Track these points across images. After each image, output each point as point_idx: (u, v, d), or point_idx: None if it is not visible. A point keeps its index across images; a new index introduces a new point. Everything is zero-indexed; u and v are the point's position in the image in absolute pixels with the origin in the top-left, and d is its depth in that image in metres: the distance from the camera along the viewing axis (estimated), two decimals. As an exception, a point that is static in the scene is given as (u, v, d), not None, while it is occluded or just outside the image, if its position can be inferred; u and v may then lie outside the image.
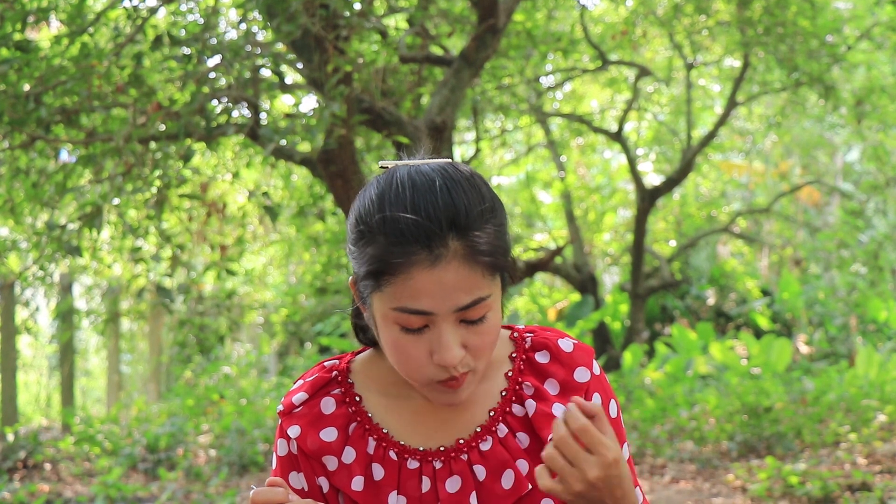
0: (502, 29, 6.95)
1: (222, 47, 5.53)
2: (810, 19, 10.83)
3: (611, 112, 17.17)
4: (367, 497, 1.70)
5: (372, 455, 1.72)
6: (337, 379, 1.76)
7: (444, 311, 1.56)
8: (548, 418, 1.70)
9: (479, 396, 1.74)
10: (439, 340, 1.58)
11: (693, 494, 7.80)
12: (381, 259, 1.55)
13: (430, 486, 1.70)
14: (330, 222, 10.34)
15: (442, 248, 1.54)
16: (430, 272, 1.54)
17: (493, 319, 1.61)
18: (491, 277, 1.59)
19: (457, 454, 1.71)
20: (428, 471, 1.71)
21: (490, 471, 1.69)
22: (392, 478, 1.71)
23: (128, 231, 6.71)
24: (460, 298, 1.56)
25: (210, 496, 7.68)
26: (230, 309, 13.75)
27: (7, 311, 11.59)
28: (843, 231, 18.82)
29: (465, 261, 1.55)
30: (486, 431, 1.72)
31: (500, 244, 1.60)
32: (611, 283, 22.41)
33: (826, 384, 11.58)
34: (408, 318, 1.57)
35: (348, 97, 5.93)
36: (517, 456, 1.70)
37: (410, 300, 1.56)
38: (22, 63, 5.29)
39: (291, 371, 17.00)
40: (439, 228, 1.54)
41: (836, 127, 17.21)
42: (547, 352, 1.76)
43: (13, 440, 9.72)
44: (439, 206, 1.55)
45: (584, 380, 1.74)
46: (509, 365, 1.76)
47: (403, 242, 1.54)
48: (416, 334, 1.59)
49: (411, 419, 1.74)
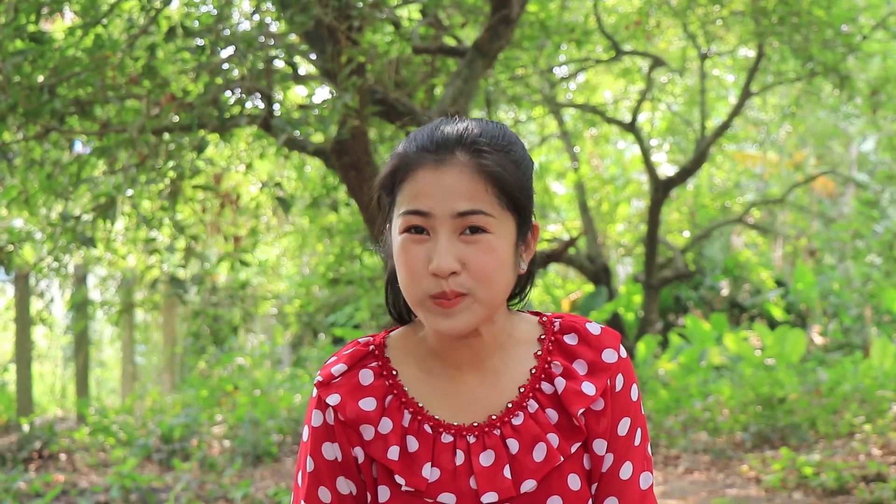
0: (516, 19, 6.93)
1: (236, 38, 5.53)
2: (825, 9, 10.77)
3: (624, 102, 17.12)
4: (402, 467, 1.74)
5: (407, 427, 1.76)
6: (374, 353, 1.81)
7: (442, 214, 1.66)
8: (577, 395, 1.75)
9: (509, 373, 1.79)
10: (436, 247, 1.66)
11: (707, 485, 7.79)
12: (396, 165, 1.71)
13: (464, 460, 1.74)
14: (343, 213, 10.35)
15: (447, 155, 1.68)
16: (433, 173, 1.67)
17: (495, 244, 1.67)
18: (497, 200, 1.67)
19: (490, 429, 1.76)
20: (462, 445, 1.75)
21: (523, 444, 1.74)
22: (427, 450, 1.75)
23: (142, 222, 6.73)
24: (458, 203, 1.66)
25: (224, 486, 7.70)
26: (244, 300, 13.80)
27: (22, 303, 11.63)
28: (857, 221, 18.74)
29: (469, 170, 1.67)
30: (518, 407, 1.77)
31: (514, 177, 1.70)
32: (624, 273, 22.36)
33: (841, 375, 11.54)
34: (411, 219, 1.68)
35: (361, 88, 5.93)
36: (548, 430, 1.75)
37: (414, 201, 1.67)
38: (36, 54, 5.30)
39: (305, 362, 17.04)
40: (448, 142, 1.69)
41: (851, 117, 17.13)
42: (575, 334, 1.82)
43: (29, 431, 9.77)
44: (454, 129, 1.71)
45: (611, 361, 1.79)
46: (538, 346, 1.82)
47: (415, 150, 1.70)
48: (418, 242, 1.67)
49: (444, 395, 1.79)
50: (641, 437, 1.81)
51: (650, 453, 1.85)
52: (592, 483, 1.79)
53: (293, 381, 13.64)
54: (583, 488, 1.77)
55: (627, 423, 1.79)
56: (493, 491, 1.72)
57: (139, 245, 8.18)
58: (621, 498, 1.78)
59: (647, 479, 1.81)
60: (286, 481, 8.28)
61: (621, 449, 1.79)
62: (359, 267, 12.11)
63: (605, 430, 1.78)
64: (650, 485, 1.82)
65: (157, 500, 7.38)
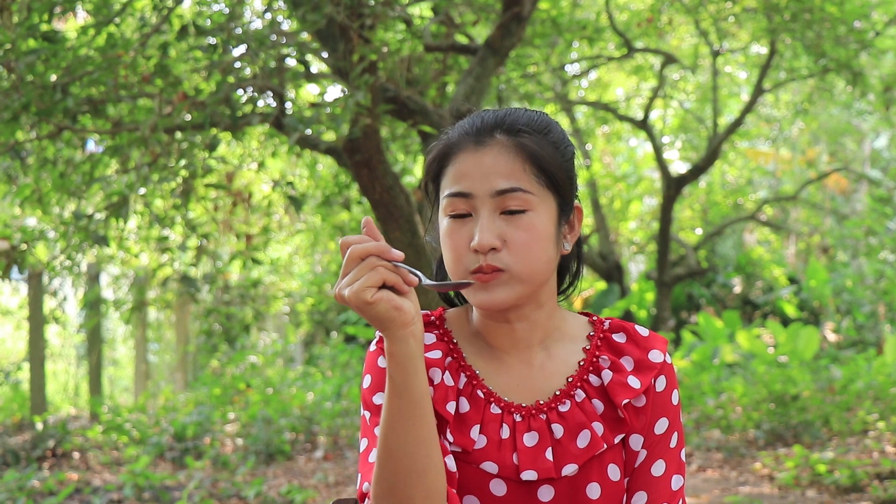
0: (527, 17, 6.92)
1: (248, 37, 5.53)
2: (838, 5, 10.73)
3: (636, 100, 17.10)
4: (455, 424, 1.77)
5: (462, 389, 1.79)
6: (434, 323, 1.86)
7: (483, 193, 1.72)
8: (623, 387, 1.80)
9: (557, 363, 1.84)
10: (478, 225, 1.71)
11: (720, 483, 7.77)
12: (440, 150, 1.79)
13: (509, 434, 1.77)
14: (355, 211, 10.34)
15: (487, 138, 1.74)
16: (472, 155, 1.74)
17: (535, 220, 1.72)
18: (536, 179, 1.73)
19: (536, 412, 1.79)
20: (508, 420, 1.78)
21: (567, 430, 1.78)
22: (477, 414, 1.78)
23: (154, 221, 6.74)
24: (497, 182, 1.71)
25: (237, 485, 7.71)
26: (256, 298, 13.81)
27: (35, 301, 11.66)
28: (870, 218, 18.68)
29: (507, 149, 1.73)
30: (565, 395, 1.81)
31: (553, 157, 1.75)
32: (637, 271, 22.34)
33: (854, 372, 11.51)
34: (453, 202, 1.73)
35: (373, 86, 5.92)
36: (593, 419, 1.79)
37: (456, 183, 1.74)
38: (49, 54, 5.31)
39: (317, 360, 17.04)
40: (488, 125, 1.76)
41: (864, 114, 17.09)
42: (624, 333, 1.87)
43: (42, 429, 9.79)
44: (494, 115, 1.78)
45: (657, 361, 1.83)
46: (587, 342, 1.86)
47: (457, 135, 1.78)
48: (461, 222, 1.73)
49: (494, 371, 1.83)
50: (678, 441, 1.84)
51: (684, 460, 1.87)
52: (626, 476, 1.82)
53: (305, 380, 13.66)
54: (621, 480, 1.80)
55: (665, 423, 1.82)
56: (533, 469, 1.75)
57: (152, 243, 8.20)
58: (650, 493, 1.80)
59: (678, 482, 1.83)
60: (299, 479, 8.29)
61: (656, 447, 1.81)
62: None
63: (643, 427, 1.81)
64: (681, 487, 1.83)
65: (169, 498, 7.40)
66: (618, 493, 1.78)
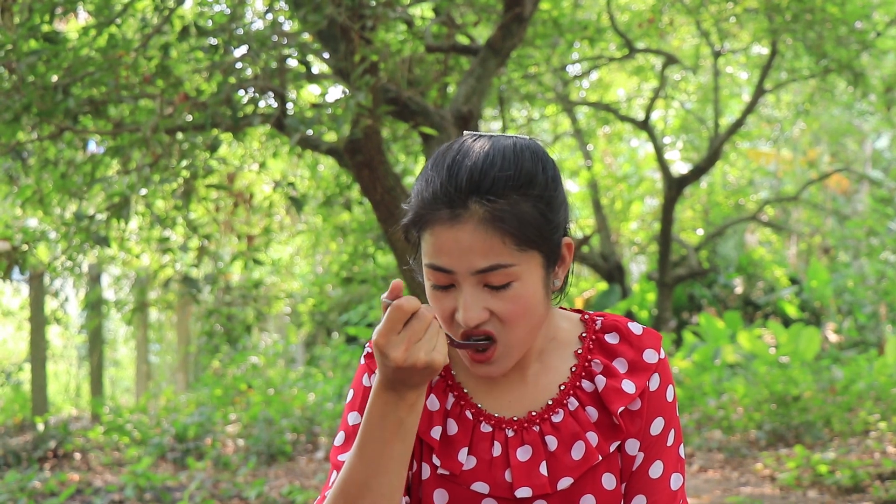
0: (528, 17, 6.92)
1: (249, 37, 5.53)
2: (839, 5, 10.73)
3: (638, 100, 17.10)
4: (441, 448, 1.74)
5: (449, 410, 1.77)
6: None
7: (462, 271, 1.62)
8: (617, 393, 1.75)
9: (550, 372, 1.79)
10: (461, 300, 1.64)
11: (721, 483, 7.77)
12: (414, 214, 1.66)
13: (501, 452, 1.74)
14: (356, 212, 10.35)
15: (461, 209, 1.61)
16: (449, 230, 1.61)
17: (521, 290, 1.65)
18: (517, 248, 1.62)
19: (529, 425, 1.76)
20: (500, 437, 1.75)
21: (562, 442, 1.74)
22: (465, 436, 1.75)
23: (155, 221, 6.74)
24: (476, 261, 1.61)
25: (238, 485, 7.71)
26: (257, 299, 13.80)
27: (36, 302, 11.66)
28: (872, 219, 18.67)
29: (484, 224, 1.61)
30: (558, 404, 1.77)
31: (533, 218, 1.64)
32: (638, 272, 22.33)
33: (855, 373, 11.51)
34: (434, 275, 1.65)
35: (374, 87, 5.92)
36: (587, 428, 1.75)
37: (435, 256, 1.64)
38: (50, 54, 5.31)
39: (318, 361, 17.03)
40: (461, 191, 1.60)
41: (865, 114, 17.09)
42: (616, 333, 1.81)
43: (43, 430, 9.80)
44: (467, 171, 1.62)
45: (652, 361, 1.79)
46: (579, 344, 1.81)
47: (431, 201, 1.63)
48: (444, 291, 1.66)
49: (486, 387, 1.79)
50: (675, 438, 1.80)
51: (682, 455, 1.83)
52: (623, 482, 1.79)
53: (307, 380, 13.65)
54: (617, 488, 1.77)
55: (661, 423, 1.78)
56: (527, 486, 1.72)
57: (153, 244, 8.20)
58: (649, 496, 1.77)
59: (677, 480, 1.80)
60: (300, 480, 8.29)
61: (653, 448, 1.78)
62: (372, 265, 12.12)
63: (639, 431, 1.77)
64: (681, 485, 1.80)
65: (171, 498, 7.40)
66: (614, 501, 1.76)
